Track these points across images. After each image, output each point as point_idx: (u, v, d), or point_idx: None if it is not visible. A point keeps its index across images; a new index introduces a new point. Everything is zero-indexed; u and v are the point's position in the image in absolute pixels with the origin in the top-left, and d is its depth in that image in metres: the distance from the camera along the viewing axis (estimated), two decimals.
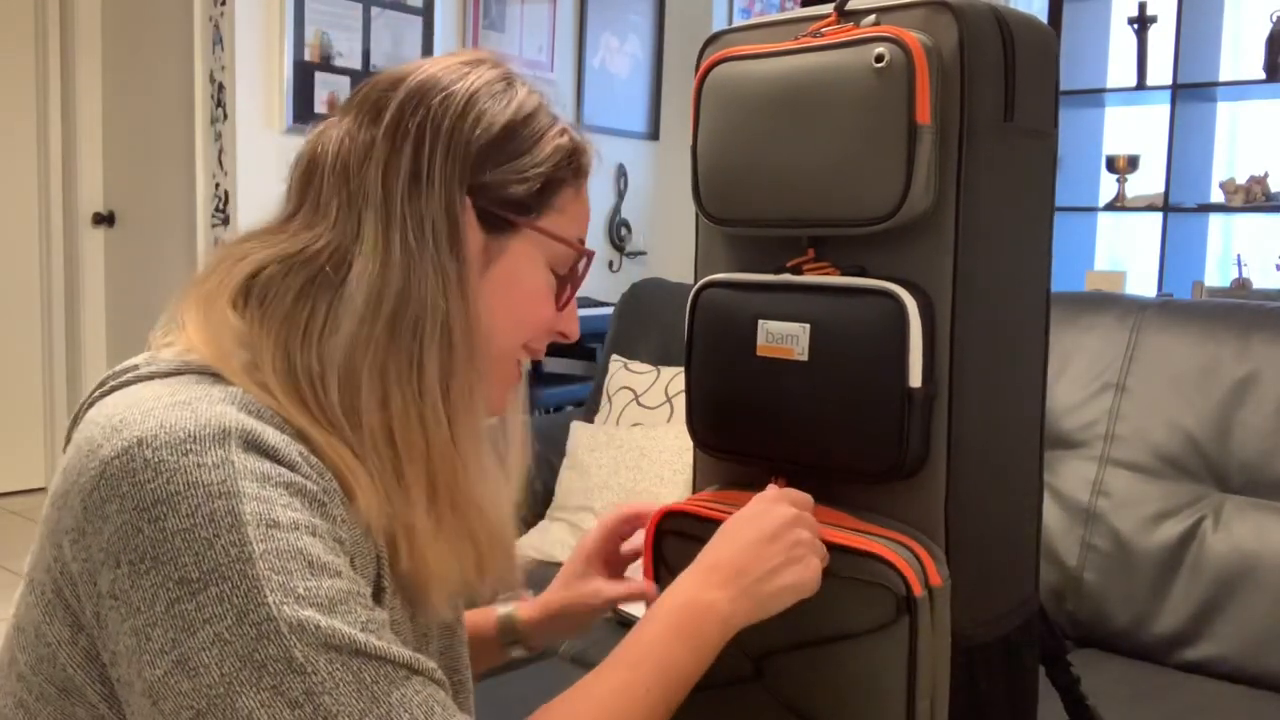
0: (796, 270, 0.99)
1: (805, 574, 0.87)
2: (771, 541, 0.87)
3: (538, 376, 3.82)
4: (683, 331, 1.06)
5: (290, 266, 0.78)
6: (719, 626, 0.84)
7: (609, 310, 3.45)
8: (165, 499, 0.67)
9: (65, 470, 0.73)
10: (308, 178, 0.82)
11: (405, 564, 0.78)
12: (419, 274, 0.77)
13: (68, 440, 0.77)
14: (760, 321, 0.99)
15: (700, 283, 1.05)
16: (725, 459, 1.05)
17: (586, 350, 3.78)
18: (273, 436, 0.72)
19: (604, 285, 4.15)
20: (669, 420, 2.47)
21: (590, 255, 0.89)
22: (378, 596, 0.77)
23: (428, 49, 3.88)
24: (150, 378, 0.76)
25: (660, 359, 2.61)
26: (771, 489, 0.93)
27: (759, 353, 0.99)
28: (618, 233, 4.23)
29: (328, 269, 0.77)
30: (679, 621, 0.83)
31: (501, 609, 1.08)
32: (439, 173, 0.79)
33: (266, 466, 0.70)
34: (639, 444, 2.37)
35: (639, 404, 2.53)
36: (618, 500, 2.26)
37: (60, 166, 4.30)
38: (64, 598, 0.72)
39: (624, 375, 2.60)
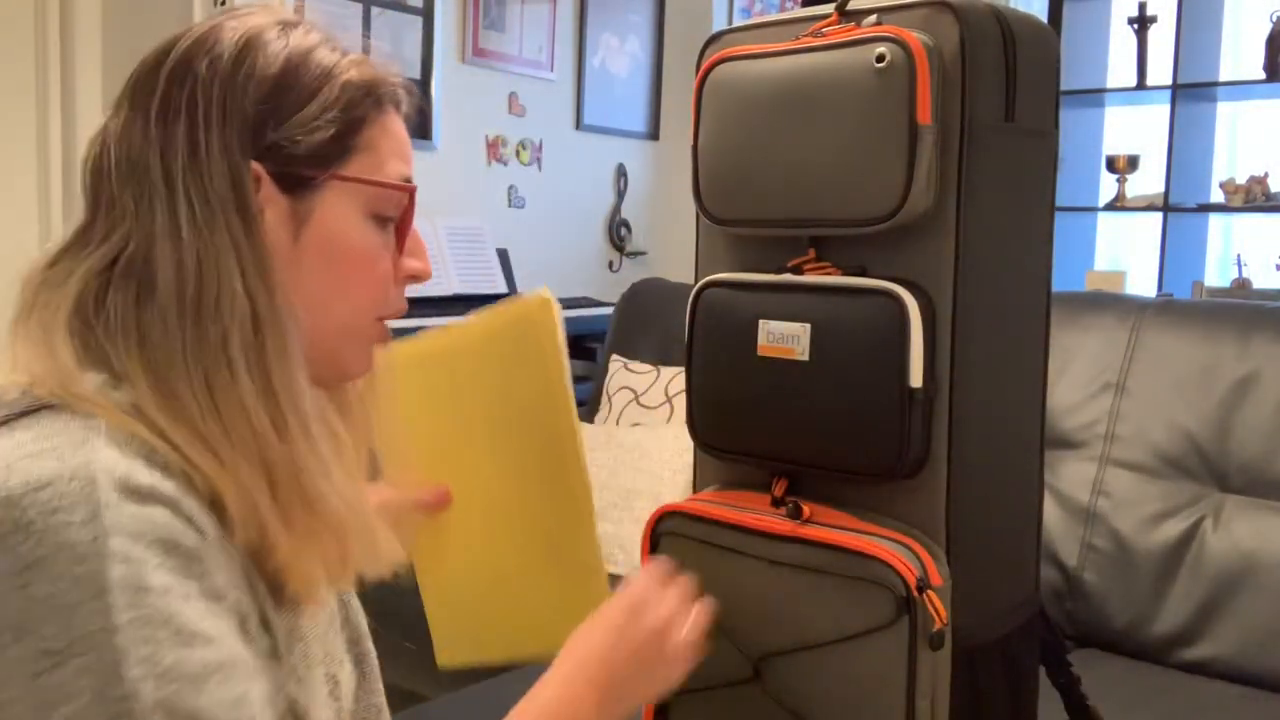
0: (797, 270, 0.98)
1: (660, 675, 0.89)
2: (628, 647, 0.87)
3: None
4: (683, 331, 1.06)
5: (110, 279, 0.74)
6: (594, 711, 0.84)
7: (609, 310, 3.45)
8: (35, 563, 0.63)
9: None
10: (97, 180, 0.77)
11: (270, 563, 0.74)
12: (211, 255, 0.73)
13: None
14: (761, 321, 0.99)
15: (701, 282, 1.05)
16: (726, 459, 1.05)
17: (586, 350, 3.78)
18: (144, 476, 0.67)
19: (604, 285, 4.15)
20: (669, 420, 2.47)
21: (412, 189, 0.82)
22: (265, 624, 0.74)
23: (428, 49, 3.87)
24: (2, 423, 0.70)
25: (660, 359, 2.61)
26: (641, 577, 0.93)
27: (760, 352, 0.99)
28: (618, 233, 4.23)
29: (145, 272, 0.74)
30: (542, 710, 0.83)
31: None
32: (216, 144, 0.74)
33: (141, 518, 0.66)
34: (639, 444, 2.37)
35: (639, 404, 2.53)
36: (617, 500, 2.26)
37: (60, 166, 4.30)
38: None
39: (624, 375, 2.61)
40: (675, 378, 2.51)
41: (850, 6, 0.96)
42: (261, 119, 0.75)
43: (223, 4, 3.59)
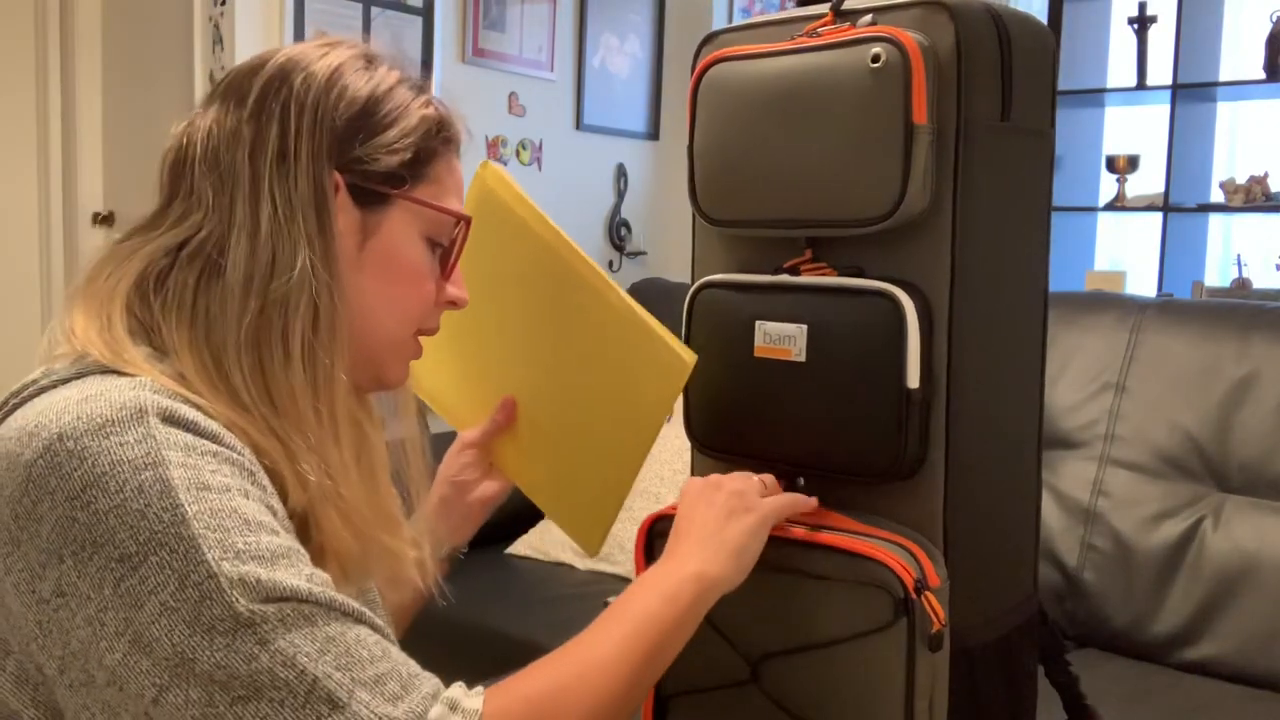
0: (794, 271, 0.98)
1: (750, 517, 0.91)
2: (709, 505, 0.92)
3: None
4: (681, 332, 1.06)
5: (177, 259, 0.79)
6: (691, 580, 0.86)
7: None
8: (93, 482, 0.67)
9: None
10: (178, 170, 0.82)
11: (312, 539, 0.78)
12: (287, 249, 0.78)
13: None
14: (758, 322, 0.98)
15: (697, 284, 1.05)
16: (723, 460, 1.05)
17: None
18: (189, 412, 0.72)
19: None
20: (668, 420, 2.46)
21: (468, 221, 0.88)
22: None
23: (428, 49, 3.87)
24: (52, 386, 0.75)
25: None
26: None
27: (756, 353, 0.99)
28: (618, 233, 4.23)
29: (214, 256, 0.78)
30: (648, 579, 0.86)
31: None
32: (305, 149, 0.79)
33: (189, 438, 0.71)
34: None
35: None
36: None
37: (60, 166, 4.29)
38: None
39: None
40: None
41: (845, 6, 0.95)
42: (350, 133, 0.81)
43: (223, 4, 3.58)
